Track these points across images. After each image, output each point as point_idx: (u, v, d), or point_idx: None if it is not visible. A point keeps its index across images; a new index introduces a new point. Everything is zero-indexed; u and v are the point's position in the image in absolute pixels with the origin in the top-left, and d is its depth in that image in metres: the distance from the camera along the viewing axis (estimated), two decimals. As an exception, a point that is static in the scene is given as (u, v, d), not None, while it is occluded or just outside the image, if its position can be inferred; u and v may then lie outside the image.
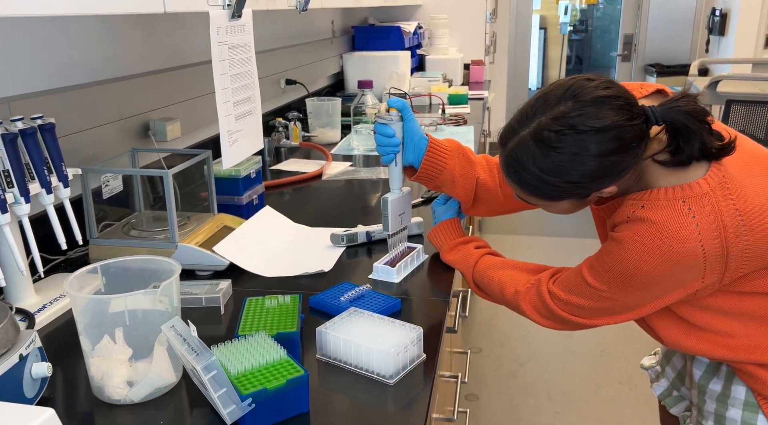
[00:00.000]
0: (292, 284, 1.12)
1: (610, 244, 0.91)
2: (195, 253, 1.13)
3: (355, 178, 1.81)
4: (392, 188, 1.15)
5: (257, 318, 0.88)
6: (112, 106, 1.33)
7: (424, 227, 1.36)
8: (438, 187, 1.18)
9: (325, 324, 0.88)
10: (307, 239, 1.32)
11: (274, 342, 0.80)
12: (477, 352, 2.63)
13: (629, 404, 2.29)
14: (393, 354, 0.81)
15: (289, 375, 0.74)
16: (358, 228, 1.30)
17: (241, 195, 1.40)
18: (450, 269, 1.18)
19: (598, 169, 0.85)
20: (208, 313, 1.01)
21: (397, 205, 1.15)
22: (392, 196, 1.14)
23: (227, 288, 1.05)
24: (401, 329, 0.87)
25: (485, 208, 1.22)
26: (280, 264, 1.19)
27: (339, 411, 0.78)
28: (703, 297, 0.93)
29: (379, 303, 0.99)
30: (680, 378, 1.20)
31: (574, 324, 1.00)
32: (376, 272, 1.14)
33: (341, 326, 0.88)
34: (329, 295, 1.02)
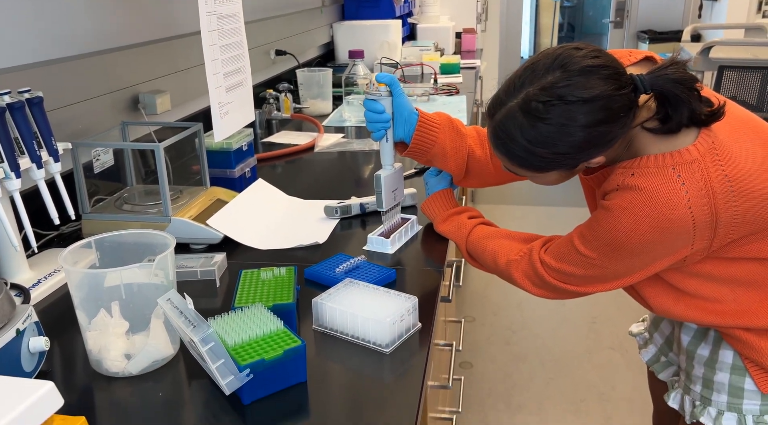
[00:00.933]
0: (286, 256, 1.12)
1: (600, 213, 0.92)
2: (189, 227, 1.13)
3: (347, 149, 1.80)
4: (384, 164, 1.15)
5: (253, 291, 0.88)
6: (101, 79, 1.31)
7: (418, 198, 1.36)
8: (429, 162, 1.17)
9: (321, 295, 0.88)
10: (300, 211, 1.32)
11: (271, 313, 0.80)
12: (471, 321, 2.66)
13: (620, 370, 2.33)
14: (389, 323, 0.82)
15: (286, 345, 0.74)
16: (352, 200, 1.30)
17: (234, 168, 1.39)
18: (444, 239, 1.19)
19: (586, 140, 0.85)
20: (203, 286, 1.01)
21: (390, 181, 1.15)
22: (384, 173, 1.13)
23: (222, 261, 1.05)
24: (396, 299, 0.88)
25: (477, 180, 1.22)
26: (275, 236, 1.19)
27: (336, 380, 0.79)
28: (692, 263, 0.94)
29: (374, 274, 1.00)
30: (668, 344, 1.22)
31: (566, 293, 1.01)
32: (370, 243, 1.15)
33: (337, 297, 0.88)
34: (324, 267, 1.03)
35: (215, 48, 1.14)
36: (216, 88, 1.15)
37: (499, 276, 1.09)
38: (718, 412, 1.04)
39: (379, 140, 1.12)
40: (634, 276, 0.95)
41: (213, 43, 1.14)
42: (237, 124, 1.24)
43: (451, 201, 1.20)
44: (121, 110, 1.37)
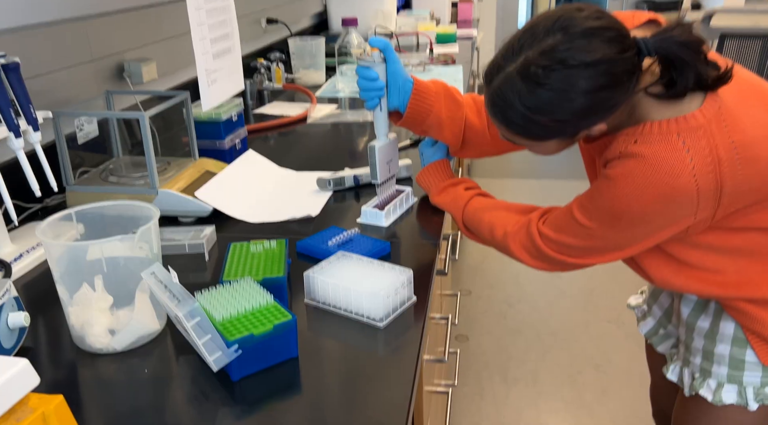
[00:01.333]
0: (278, 230, 1.09)
1: (600, 181, 0.89)
2: (176, 199, 1.09)
3: (341, 121, 1.76)
4: (378, 135, 1.11)
5: (242, 264, 0.85)
6: (83, 46, 1.26)
7: (413, 170, 1.32)
8: (425, 132, 1.14)
9: (313, 269, 0.85)
10: (292, 183, 1.28)
11: (261, 287, 0.77)
12: (467, 294, 2.65)
13: (617, 342, 2.33)
14: (383, 296, 0.79)
15: (277, 320, 0.72)
16: (345, 172, 1.26)
17: (223, 139, 1.35)
18: (439, 212, 1.16)
19: (587, 106, 0.82)
20: (192, 260, 0.98)
21: (385, 152, 1.11)
22: (379, 144, 1.09)
23: (211, 234, 1.02)
24: (391, 272, 0.85)
25: (473, 150, 1.19)
26: (266, 209, 1.15)
27: (329, 355, 0.76)
28: (695, 234, 0.92)
29: (368, 247, 0.97)
30: (667, 316, 1.20)
31: (564, 265, 0.98)
32: (364, 216, 1.11)
33: (329, 270, 0.85)
34: (317, 240, 1.00)
35: (201, 12, 1.09)
36: (203, 54, 1.10)
37: (496, 248, 1.06)
38: (718, 384, 1.02)
39: (372, 109, 1.08)
40: (635, 247, 0.93)
41: (199, 6, 1.09)
42: (225, 93, 1.20)
43: (447, 172, 1.17)
44: (105, 79, 1.33)
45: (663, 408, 1.32)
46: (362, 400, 0.69)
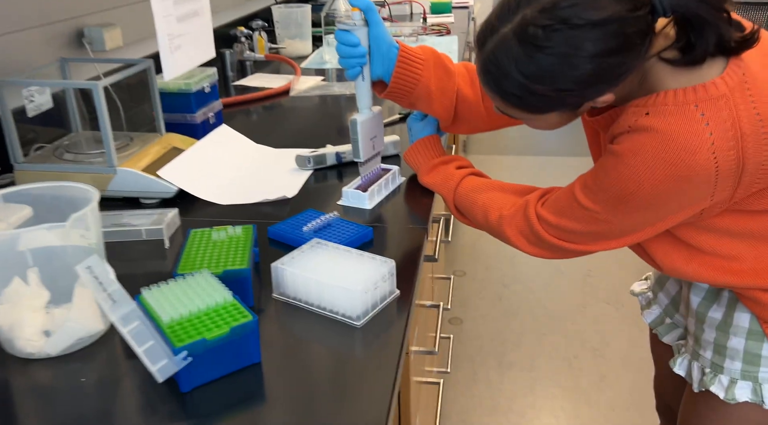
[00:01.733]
0: (250, 213, 0.99)
1: (606, 159, 0.79)
2: (137, 178, 0.99)
3: (327, 93, 1.64)
4: (360, 107, 0.99)
5: (201, 254, 0.75)
6: (32, 7, 1.14)
7: (401, 146, 1.21)
8: (412, 105, 1.03)
9: (282, 259, 0.75)
10: (269, 162, 1.18)
11: (219, 282, 0.67)
12: (461, 276, 2.56)
13: (615, 325, 2.25)
14: (360, 292, 0.69)
15: (235, 321, 0.62)
16: (327, 149, 1.16)
17: (194, 112, 1.23)
18: (429, 193, 1.05)
19: (593, 73, 0.71)
20: (150, 248, 0.88)
21: (368, 127, 1.00)
22: (361, 117, 0.98)
23: (173, 219, 0.91)
24: (371, 263, 0.75)
25: (466, 125, 1.08)
26: (238, 190, 1.05)
27: (299, 359, 0.66)
28: (709, 217, 0.83)
29: (348, 233, 0.87)
30: (674, 304, 1.11)
31: (565, 252, 0.89)
32: (345, 197, 1.01)
33: (301, 261, 0.75)
34: (290, 225, 0.89)
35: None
36: (164, 16, 0.98)
37: (490, 233, 0.96)
38: (731, 381, 0.93)
39: (353, 79, 0.97)
40: (643, 232, 0.84)
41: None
42: (192, 61, 1.08)
43: (438, 149, 1.06)
44: (61, 46, 1.20)
45: (668, 403, 1.24)
46: (335, 409, 0.59)
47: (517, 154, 3.78)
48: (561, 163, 3.60)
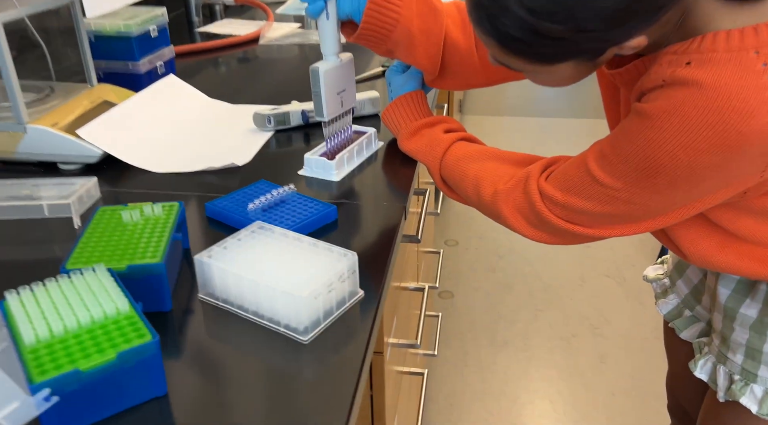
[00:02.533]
0: (191, 184, 0.81)
1: (631, 122, 0.61)
2: (52, 139, 0.80)
3: (304, 42, 1.44)
4: (325, 53, 0.81)
5: (104, 242, 0.57)
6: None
7: (381, 104, 1.03)
8: (390, 52, 0.84)
9: (211, 250, 0.58)
10: (223, 120, 0.99)
11: (116, 284, 0.50)
12: (453, 245, 2.40)
13: (617, 300, 2.10)
14: (307, 298, 0.52)
15: (126, 342, 0.45)
16: (291, 106, 0.97)
17: (137, 60, 1.04)
18: (412, 160, 0.87)
19: (623, 7, 0.53)
20: (56, 229, 0.70)
21: (334, 77, 0.81)
22: (325, 65, 0.80)
23: (88, 191, 0.73)
24: (326, 256, 0.57)
25: (455, 79, 0.90)
26: (178, 154, 0.86)
27: (224, 386, 0.50)
28: (754, 197, 0.66)
29: (304, 213, 0.69)
30: (696, 295, 0.95)
31: (573, 236, 0.72)
32: (308, 166, 0.83)
33: (235, 252, 0.58)
34: (233, 201, 0.72)
35: None
36: (81, -65, 0.78)
37: (483, 211, 0.79)
38: (766, 392, 0.78)
39: (315, 16, 0.78)
40: (673, 214, 0.67)
41: None
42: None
43: (422, 108, 0.88)
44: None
45: (683, 405, 1.09)
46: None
47: (516, 115, 3.57)
48: (566, 125, 3.38)
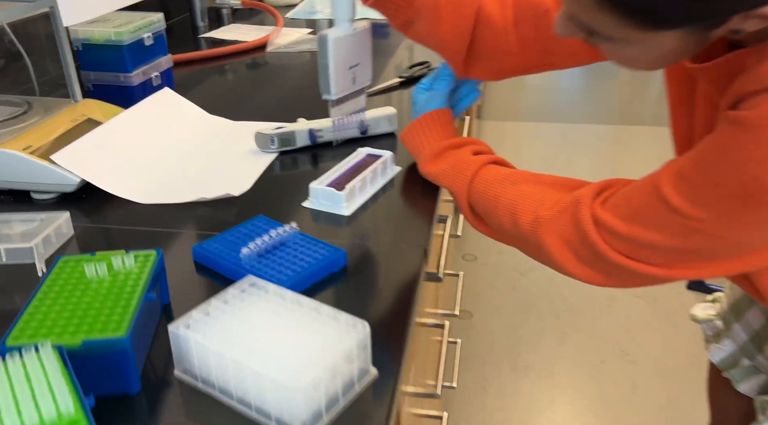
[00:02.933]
0: (182, 218, 0.70)
1: (725, 134, 0.50)
2: (22, 164, 0.70)
3: (315, 49, 1.33)
4: (337, 19, 0.70)
5: (60, 305, 0.47)
6: None
7: (400, 123, 0.91)
8: (408, 23, 0.73)
9: (189, 316, 0.47)
10: (221, 140, 0.88)
11: (65, 369, 0.39)
12: (472, 260, 2.29)
13: (648, 322, 1.98)
14: (305, 389, 0.41)
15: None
16: (298, 124, 0.86)
17: (129, 71, 0.94)
18: (433, 189, 0.76)
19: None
20: (17, 276, 0.60)
21: (346, 48, 0.70)
22: (335, 32, 0.69)
23: (57, 230, 0.63)
24: (331, 327, 0.46)
25: (486, 64, 0.78)
26: (168, 183, 0.76)
27: None
28: None
29: (308, 260, 0.58)
30: (757, 342, 0.82)
31: (635, 276, 0.59)
32: (314, 198, 0.72)
33: (219, 320, 0.47)
34: (224, 243, 0.61)
35: None
36: (56, -68, 0.68)
37: (519, 245, 0.67)
38: None
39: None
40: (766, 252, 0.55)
41: None
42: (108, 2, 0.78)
43: (448, 128, 0.76)
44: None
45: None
46: None
47: (536, 120, 3.44)
48: (588, 131, 3.24)
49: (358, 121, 0.86)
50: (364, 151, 0.80)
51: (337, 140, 0.86)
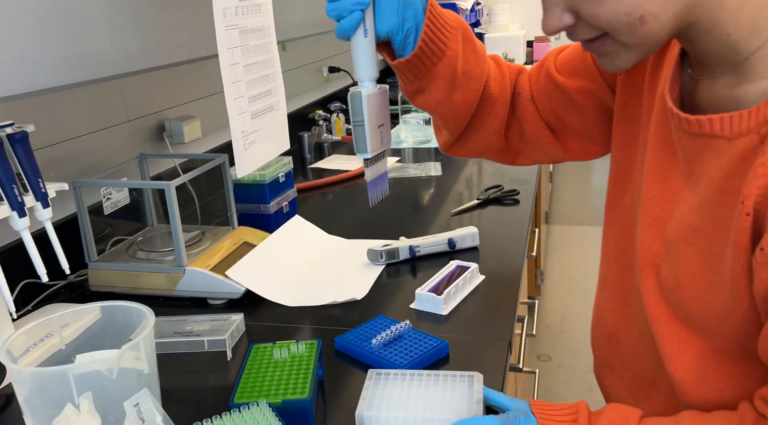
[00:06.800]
0: (318, 316, 0.93)
1: None
2: (205, 278, 0.96)
3: (403, 176, 1.60)
4: (360, 79, 0.69)
5: (261, 378, 0.69)
6: (119, 105, 1.17)
7: (482, 238, 1.13)
8: (421, 90, 0.73)
9: (365, 404, 0.65)
10: (341, 255, 1.12)
11: (276, 417, 0.60)
12: (546, 361, 2.38)
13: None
14: None
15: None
16: (400, 242, 1.09)
17: (269, 203, 1.21)
18: (512, 293, 0.96)
19: None
20: (213, 358, 0.83)
21: (375, 106, 0.70)
22: (367, 90, 0.69)
23: (237, 326, 0.87)
24: (453, 387, 0.66)
25: (477, 137, 0.81)
26: (306, 290, 1.00)
27: None
28: None
29: (422, 349, 0.79)
30: None
31: None
32: (419, 301, 0.93)
33: (384, 398, 0.66)
34: (358, 336, 0.82)
35: (237, 67, 0.97)
36: (239, 114, 0.98)
37: None
38: None
39: (350, 32, 0.66)
40: None
41: (234, 62, 0.96)
42: (266, 156, 1.07)
43: None
44: (143, 140, 1.23)
45: None
46: None
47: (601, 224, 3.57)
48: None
49: (448, 238, 1.08)
50: (454, 263, 1.02)
51: (374, 199, 0.81)
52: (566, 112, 0.81)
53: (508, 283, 0.99)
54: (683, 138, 0.58)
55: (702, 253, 0.57)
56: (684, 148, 0.59)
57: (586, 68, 0.77)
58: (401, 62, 0.70)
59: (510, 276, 1.01)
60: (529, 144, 0.85)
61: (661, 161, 0.63)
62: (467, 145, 0.84)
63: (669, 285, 0.61)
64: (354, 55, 0.68)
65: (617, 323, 0.75)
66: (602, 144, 0.83)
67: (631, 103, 0.71)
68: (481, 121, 0.81)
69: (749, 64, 0.54)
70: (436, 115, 0.78)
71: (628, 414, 0.60)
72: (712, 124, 0.54)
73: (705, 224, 0.57)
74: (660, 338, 0.62)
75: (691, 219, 0.58)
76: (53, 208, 0.84)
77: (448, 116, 0.77)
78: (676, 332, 0.61)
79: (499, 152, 0.87)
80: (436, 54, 0.70)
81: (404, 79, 0.74)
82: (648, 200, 0.64)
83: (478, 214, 1.31)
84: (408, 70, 0.71)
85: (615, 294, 0.74)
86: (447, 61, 0.72)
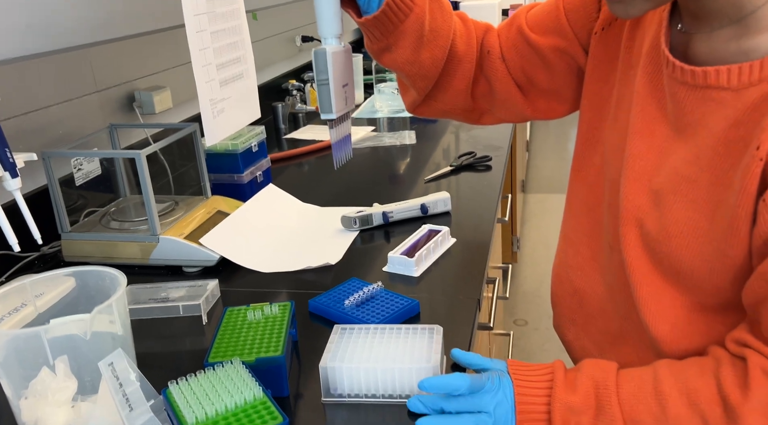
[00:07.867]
0: (293, 281, 0.94)
1: None
2: (179, 247, 0.96)
3: (378, 144, 1.61)
4: (324, 34, 0.69)
5: (235, 338, 0.70)
6: (87, 76, 1.16)
7: (455, 204, 1.15)
8: (387, 48, 0.73)
9: (327, 357, 0.67)
10: (315, 222, 1.14)
11: (250, 374, 0.62)
12: (522, 325, 2.44)
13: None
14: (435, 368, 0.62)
15: (263, 423, 0.56)
16: (373, 209, 1.11)
17: (242, 172, 1.22)
18: (482, 254, 0.98)
19: None
20: (189, 324, 0.84)
21: (340, 65, 0.69)
22: (332, 47, 0.68)
23: (212, 291, 0.88)
24: (418, 336, 0.68)
25: (444, 96, 0.81)
26: (281, 256, 1.01)
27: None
28: None
29: (394, 308, 0.81)
30: None
31: None
32: (391, 264, 0.95)
33: (350, 350, 0.68)
34: (332, 298, 0.84)
35: (204, 34, 0.97)
36: (206, 82, 0.97)
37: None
38: None
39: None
40: None
41: (201, 29, 0.96)
42: (236, 124, 1.07)
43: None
44: (113, 111, 1.22)
45: None
46: None
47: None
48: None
49: (420, 204, 1.10)
50: (426, 227, 1.04)
51: (338, 159, 0.82)
52: (536, 70, 0.80)
53: (479, 245, 1.01)
54: (680, 90, 0.58)
55: (696, 203, 0.57)
56: (679, 101, 0.59)
57: (559, 26, 0.77)
58: (368, 19, 0.70)
59: (481, 239, 1.03)
60: (497, 103, 0.85)
61: (647, 117, 0.63)
62: (435, 105, 0.84)
63: (655, 237, 0.61)
64: (318, 11, 0.68)
65: (583, 279, 0.77)
66: (569, 103, 0.83)
67: (604, 62, 0.72)
68: (448, 80, 0.80)
69: (755, 18, 0.54)
70: (404, 74, 0.78)
71: (606, 367, 0.61)
72: (719, 75, 0.55)
73: (703, 174, 0.57)
74: (638, 290, 0.63)
75: (685, 170, 0.59)
76: (23, 179, 0.84)
77: (415, 75, 0.77)
78: (654, 283, 0.62)
79: (465, 111, 0.86)
80: (402, 10, 0.70)
81: (371, 37, 0.73)
82: (633, 156, 0.64)
83: (452, 181, 1.33)
84: (374, 27, 0.71)
85: (581, 250, 0.76)
86: (414, 17, 0.71)
